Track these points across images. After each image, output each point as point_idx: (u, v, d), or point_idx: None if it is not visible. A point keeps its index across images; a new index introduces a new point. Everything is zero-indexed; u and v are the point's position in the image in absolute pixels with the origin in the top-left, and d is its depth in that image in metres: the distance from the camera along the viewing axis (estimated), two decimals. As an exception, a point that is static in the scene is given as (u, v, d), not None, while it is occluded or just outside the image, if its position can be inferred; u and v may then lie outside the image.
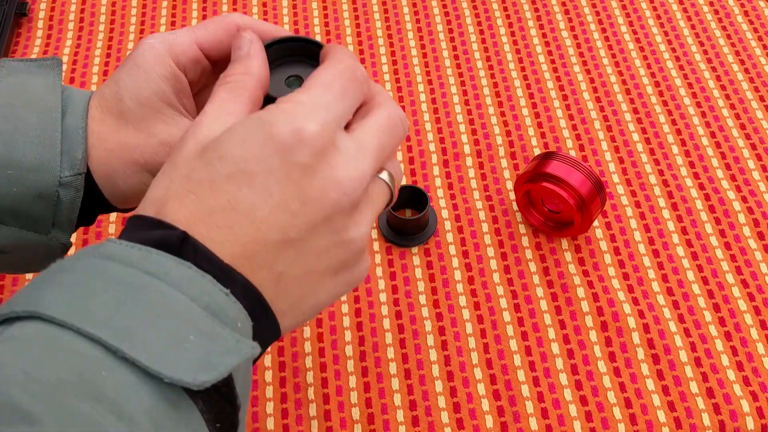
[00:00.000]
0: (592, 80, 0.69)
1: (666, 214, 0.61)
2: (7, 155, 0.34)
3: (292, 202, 0.29)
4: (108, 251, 0.27)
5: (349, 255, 0.32)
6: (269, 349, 0.54)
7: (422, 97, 0.68)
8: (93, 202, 0.38)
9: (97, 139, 0.37)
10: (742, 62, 0.70)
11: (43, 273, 0.27)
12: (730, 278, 0.58)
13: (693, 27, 0.73)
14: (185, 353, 0.25)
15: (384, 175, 0.33)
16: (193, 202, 0.29)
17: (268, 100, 0.33)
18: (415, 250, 0.59)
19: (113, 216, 0.60)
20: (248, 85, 0.32)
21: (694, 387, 0.53)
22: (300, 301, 0.31)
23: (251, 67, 0.33)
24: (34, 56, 0.70)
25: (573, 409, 0.52)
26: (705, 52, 0.71)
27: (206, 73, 0.40)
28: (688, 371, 0.54)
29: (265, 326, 0.30)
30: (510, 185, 0.63)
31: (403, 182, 0.63)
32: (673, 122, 0.66)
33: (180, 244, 0.28)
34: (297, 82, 0.37)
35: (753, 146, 0.65)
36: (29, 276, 0.57)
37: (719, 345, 0.55)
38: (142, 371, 0.24)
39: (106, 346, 0.24)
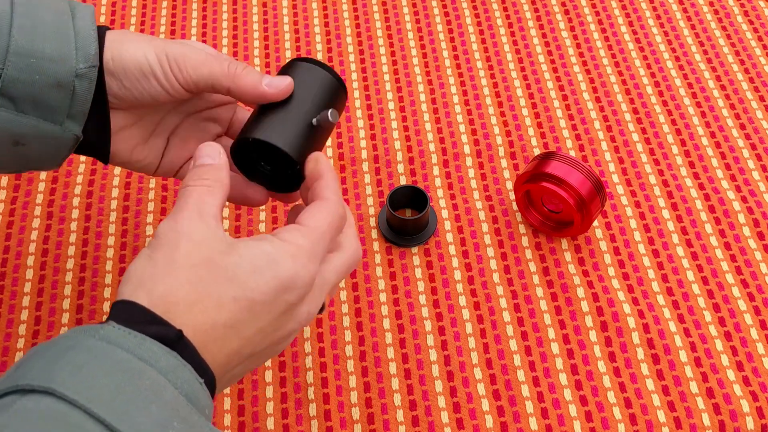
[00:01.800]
0: (592, 80, 0.69)
1: (666, 214, 0.61)
2: (30, 46, 0.38)
3: (269, 329, 0.36)
4: (108, 335, 0.31)
5: (288, 339, 0.39)
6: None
7: (422, 97, 0.68)
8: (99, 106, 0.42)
9: (117, 43, 0.41)
10: (742, 62, 0.70)
11: (52, 348, 0.30)
12: (730, 278, 0.58)
13: (693, 27, 0.73)
14: None
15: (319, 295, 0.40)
16: (201, 312, 0.34)
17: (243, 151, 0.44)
18: (415, 250, 0.59)
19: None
20: (219, 191, 0.38)
21: (694, 387, 0.53)
22: (247, 368, 0.38)
23: (222, 177, 0.39)
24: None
25: (573, 409, 0.52)
26: (705, 52, 0.71)
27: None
28: (688, 371, 0.54)
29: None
30: (510, 185, 0.63)
31: (403, 182, 0.63)
32: (673, 122, 0.66)
33: (176, 341, 0.32)
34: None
35: (753, 146, 0.65)
36: (25, 303, 0.57)
37: (719, 345, 0.55)
38: None
39: (109, 427, 0.28)
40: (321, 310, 0.40)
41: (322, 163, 0.41)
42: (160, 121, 0.46)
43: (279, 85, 0.42)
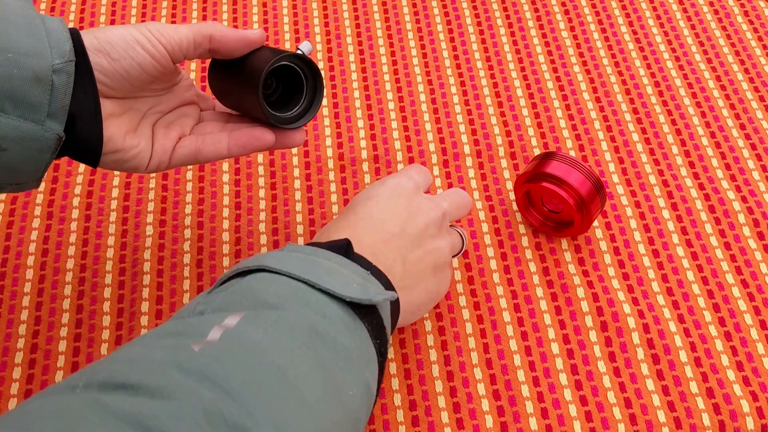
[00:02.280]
0: (592, 80, 0.69)
1: (666, 214, 0.61)
2: (5, 43, 0.39)
3: (403, 212, 0.49)
4: (290, 246, 0.43)
5: (439, 259, 0.49)
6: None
7: (422, 97, 0.68)
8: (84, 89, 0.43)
9: (97, 30, 0.43)
10: (742, 62, 0.70)
11: (253, 257, 0.42)
12: (730, 278, 0.58)
13: (693, 27, 0.73)
14: (354, 289, 0.39)
15: (459, 229, 0.54)
16: (348, 225, 0.48)
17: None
18: (415, 250, 0.59)
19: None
20: None
21: (694, 387, 0.53)
22: (413, 286, 0.47)
23: None
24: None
25: (573, 409, 0.52)
26: (705, 52, 0.71)
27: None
28: (688, 371, 0.54)
29: (393, 305, 0.45)
30: (510, 185, 0.63)
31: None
32: (673, 122, 0.66)
33: (345, 247, 0.43)
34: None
35: (753, 146, 0.65)
36: (25, 303, 0.57)
37: (719, 345, 0.55)
38: (331, 296, 0.39)
39: (307, 282, 0.39)
40: (462, 249, 0.54)
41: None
42: (144, 115, 0.48)
43: (254, 30, 0.47)
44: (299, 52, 0.48)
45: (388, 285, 0.44)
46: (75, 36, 0.42)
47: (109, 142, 0.44)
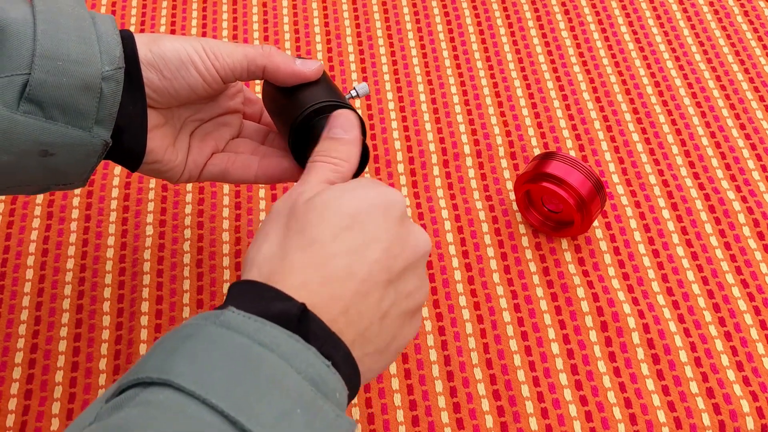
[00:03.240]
0: (592, 80, 0.69)
1: (666, 214, 0.61)
2: (55, 49, 0.38)
3: (395, 246, 0.36)
4: (227, 321, 0.31)
5: (419, 301, 0.38)
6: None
7: (422, 97, 0.68)
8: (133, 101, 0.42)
9: (151, 40, 0.42)
10: (742, 62, 0.70)
11: (173, 338, 0.31)
12: (730, 278, 0.58)
13: (693, 27, 0.73)
14: (292, 427, 0.28)
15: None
16: (309, 291, 0.33)
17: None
18: (415, 250, 0.59)
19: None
20: (347, 173, 0.40)
21: (694, 387, 0.53)
22: (386, 346, 0.36)
23: (352, 156, 0.41)
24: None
25: (573, 409, 0.52)
26: (705, 52, 0.71)
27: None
28: (688, 371, 0.54)
29: (355, 382, 0.34)
30: (510, 185, 0.63)
31: (403, 182, 0.63)
32: (673, 122, 0.66)
33: (299, 315, 0.32)
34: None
35: (753, 146, 0.65)
36: (25, 303, 0.57)
37: (719, 345, 0.55)
38: None
39: (227, 417, 0.27)
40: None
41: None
42: (183, 123, 0.47)
43: (311, 65, 0.44)
44: (353, 93, 0.47)
45: (352, 368, 0.34)
46: (126, 38, 0.41)
47: (150, 153, 0.44)
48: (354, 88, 0.48)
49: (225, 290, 0.57)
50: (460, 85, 0.69)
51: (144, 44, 0.42)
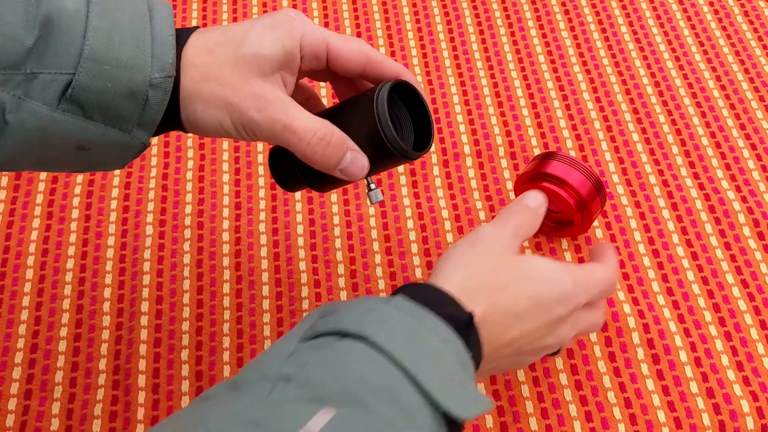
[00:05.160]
0: (592, 80, 0.69)
1: (666, 214, 0.61)
2: (105, 52, 0.36)
3: (538, 333, 0.43)
4: (398, 304, 0.37)
5: (546, 350, 0.45)
6: (269, 349, 0.54)
7: (422, 97, 0.68)
8: (167, 116, 0.40)
9: (196, 59, 0.39)
10: (742, 62, 0.70)
11: (357, 307, 0.37)
12: (730, 278, 0.58)
13: (693, 27, 0.73)
14: (452, 393, 0.34)
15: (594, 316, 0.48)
16: (500, 297, 0.41)
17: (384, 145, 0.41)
18: (415, 250, 0.59)
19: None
20: (528, 232, 0.48)
21: (694, 387, 0.53)
22: (496, 369, 0.43)
23: (534, 221, 0.48)
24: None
25: (573, 409, 0.52)
26: (705, 52, 0.71)
27: (315, 72, 0.44)
28: (688, 371, 0.54)
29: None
30: (510, 185, 0.63)
31: (403, 182, 0.63)
32: (673, 122, 0.66)
33: (467, 323, 0.38)
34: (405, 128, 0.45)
35: (753, 146, 0.65)
36: (25, 303, 0.57)
37: (719, 345, 0.55)
38: (426, 396, 0.34)
39: (407, 372, 0.34)
40: (557, 352, 0.46)
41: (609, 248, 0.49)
42: None
43: (353, 171, 0.42)
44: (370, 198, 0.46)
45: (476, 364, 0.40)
46: (181, 38, 0.39)
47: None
48: (368, 196, 0.46)
49: (225, 290, 0.57)
50: (460, 85, 0.69)
51: (184, 100, 0.39)
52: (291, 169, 0.45)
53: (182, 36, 0.40)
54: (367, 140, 0.41)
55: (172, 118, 0.40)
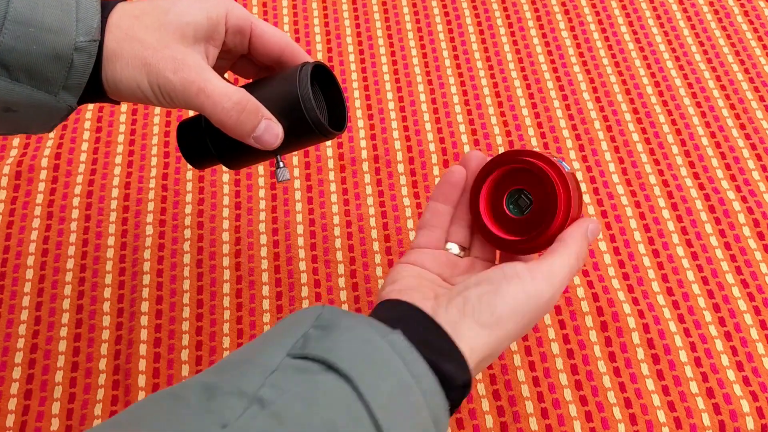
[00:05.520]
0: (592, 80, 0.69)
1: (666, 214, 0.61)
2: (30, 14, 0.37)
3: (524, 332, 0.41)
4: (394, 342, 0.35)
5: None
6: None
7: (422, 97, 0.68)
8: (93, 81, 0.40)
9: (122, 21, 0.40)
10: (742, 62, 0.70)
11: (351, 333, 0.35)
12: (730, 278, 0.58)
13: (693, 27, 0.73)
14: None
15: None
16: (494, 340, 0.38)
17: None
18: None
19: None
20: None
21: (694, 387, 0.53)
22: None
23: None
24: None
25: (573, 409, 0.52)
26: (705, 52, 0.71)
27: (232, 52, 0.44)
28: (688, 371, 0.54)
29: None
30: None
31: (403, 182, 0.63)
32: (673, 122, 0.66)
33: (462, 387, 0.37)
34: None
35: (753, 146, 0.65)
36: (25, 303, 0.57)
37: (719, 345, 0.55)
38: None
39: (378, 428, 0.32)
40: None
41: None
42: None
43: (268, 139, 0.42)
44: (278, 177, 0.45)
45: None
46: (107, 7, 0.40)
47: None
48: (276, 174, 0.45)
49: (225, 290, 0.57)
50: (460, 85, 0.69)
51: (104, 60, 0.39)
52: (202, 140, 0.45)
53: (108, 6, 0.40)
54: (286, 113, 0.42)
55: (97, 83, 0.40)
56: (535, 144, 0.65)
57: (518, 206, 0.44)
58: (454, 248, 0.46)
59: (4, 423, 0.51)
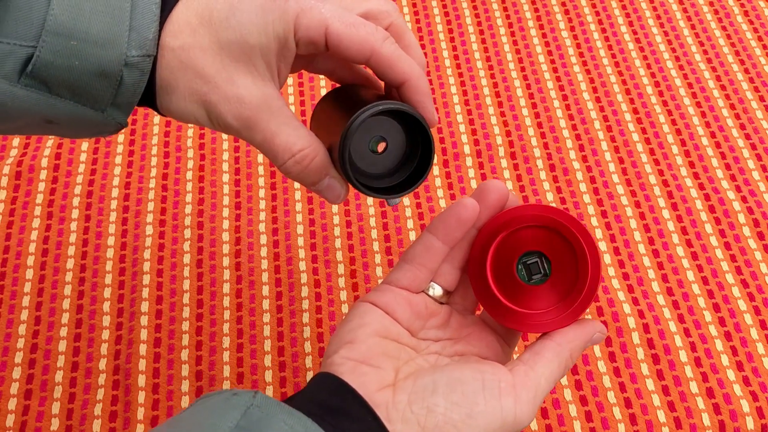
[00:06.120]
0: (592, 80, 0.69)
1: (666, 214, 0.61)
2: (73, 25, 0.31)
3: None
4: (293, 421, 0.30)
5: None
6: (269, 348, 0.54)
7: (422, 97, 0.68)
8: (145, 95, 0.35)
9: (178, 43, 0.34)
10: (742, 62, 0.70)
11: (259, 415, 0.30)
12: (730, 278, 0.58)
13: (693, 27, 0.73)
14: None
15: None
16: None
17: (349, 164, 0.35)
18: (415, 250, 0.59)
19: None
20: None
21: (694, 387, 0.53)
22: None
23: None
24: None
25: (573, 409, 0.52)
26: (705, 52, 0.71)
27: (306, 57, 0.38)
28: (688, 371, 0.54)
29: None
30: (510, 185, 0.63)
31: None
32: (673, 122, 0.66)
33: None
34: (379, 142, 0.36)
35: (753, 146, 0.65)
36: (25, 303, 0.57)
37: (719, 345, 0.55)
38: None
39: None
40: None
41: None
42: None
43: (328, 197, 0.37)
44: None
45: None
46: (165, 6, 0.34)
47: None
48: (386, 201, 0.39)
49: (225, 290, 0.57)
50: (460, 85, 0.69)
51: (167, 56, 0.34)
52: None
53: (167, 3, 0.34)
54: (338, 161, 0.36)
55: (150, 97, 0.35)
56: (535, 144, 0.65)
57: (529, 272, 0.37)
58: (436, 290, 0.39)
59: (4, 423, 0.51)
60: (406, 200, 0.62)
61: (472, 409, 0.33)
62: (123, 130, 0.65)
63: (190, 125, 0.65)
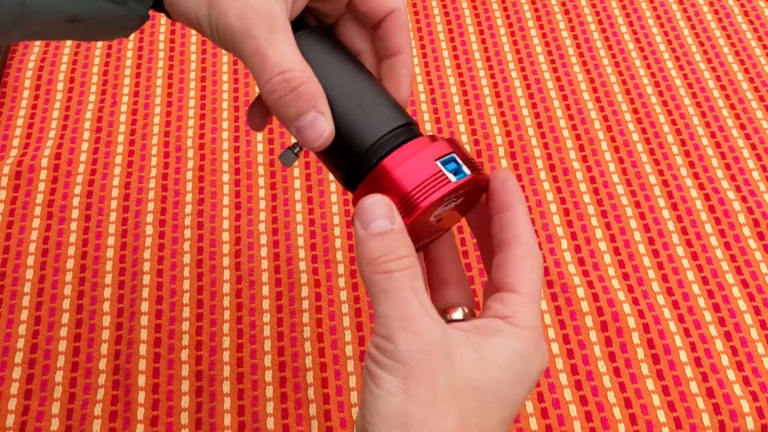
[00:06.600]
0: (592, 80, 0.69)
1: (666, 214, 0.61)
2: None
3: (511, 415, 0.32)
4: None
5: None
6: (269, 348, 0.54)
7: (422, 97, 0.68)
8: None
9: None
10: (742, 62, 0.70)
11: None
12: (730, 278, 0.58)
13: (693, 27, 0.73)
14: None
15: None
16: None
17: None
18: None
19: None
20: (418, 268, 0.32)
21: (694, 387, 0.53)
22: None
23: (410, 247, 0.32)
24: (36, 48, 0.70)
25: (573, 409, 0.52)
26: (705, 52, 0.71)
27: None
28: (688, 371, 0.54)
29: None
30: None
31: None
32: (673, 122, 0.66)
33: None
34: None
35: (753, 146, 0.65)
36: (25, 303, 0.57)
37: (719, 345, 0.55)
38: None
39: None
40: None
41: (510, 182, 0.33)
42: None
43: (308, 135, 0.33)
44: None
45: None
46: None
47: None
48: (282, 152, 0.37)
49: (225, 290, 0.57)
50: (460, 85, 0.69)
51: None
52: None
53: None
54: (343, 136, 0.33)
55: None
56: (535, 144, 0.65)
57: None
58: (458, 314, 0.36)
59: (4, 423, 0.51)
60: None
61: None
62: (123, 130, 0.65)
63: (190, 125, 0.65)
